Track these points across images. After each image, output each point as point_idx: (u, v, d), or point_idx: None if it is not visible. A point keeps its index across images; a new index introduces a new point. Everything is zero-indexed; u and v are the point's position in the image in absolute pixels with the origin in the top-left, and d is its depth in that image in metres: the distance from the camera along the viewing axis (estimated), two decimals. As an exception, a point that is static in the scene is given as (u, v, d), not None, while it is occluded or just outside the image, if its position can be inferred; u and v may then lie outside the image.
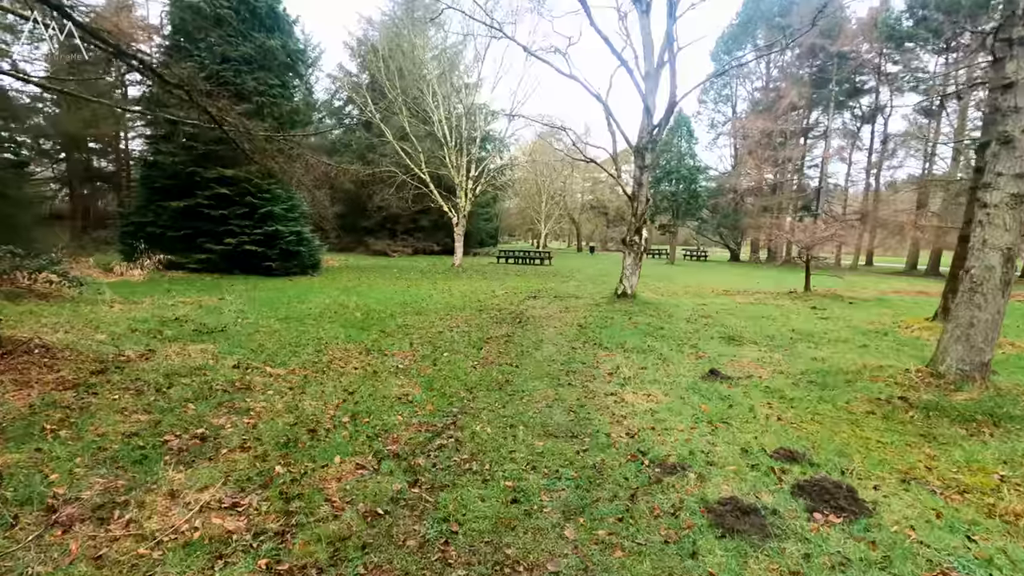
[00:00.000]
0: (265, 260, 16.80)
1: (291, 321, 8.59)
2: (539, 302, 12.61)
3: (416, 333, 8.20)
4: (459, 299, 12.79)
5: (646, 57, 10.27)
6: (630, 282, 11.61)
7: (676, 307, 11.84)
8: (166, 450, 3.58)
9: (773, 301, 13.90)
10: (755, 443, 4.06)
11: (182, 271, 16.10)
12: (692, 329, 9.30)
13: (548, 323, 9.59)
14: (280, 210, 17.33)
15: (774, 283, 21.08)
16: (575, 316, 10.32)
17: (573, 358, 6.90)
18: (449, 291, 14.61)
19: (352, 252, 33.87)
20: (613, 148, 12.45)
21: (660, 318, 10.23)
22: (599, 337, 8.25)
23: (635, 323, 9.53)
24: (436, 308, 11.07)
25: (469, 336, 8.16)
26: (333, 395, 4.98)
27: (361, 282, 16.27)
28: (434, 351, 7.04)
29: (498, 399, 5.10)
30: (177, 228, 16.31)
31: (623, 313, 10.54)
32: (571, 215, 55.85)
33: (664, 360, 6.89)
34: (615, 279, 19.93)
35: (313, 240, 19.03)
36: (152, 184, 16.99)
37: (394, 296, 12.85)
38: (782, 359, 7.24)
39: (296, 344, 6.93)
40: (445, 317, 9.95)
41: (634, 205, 11.10)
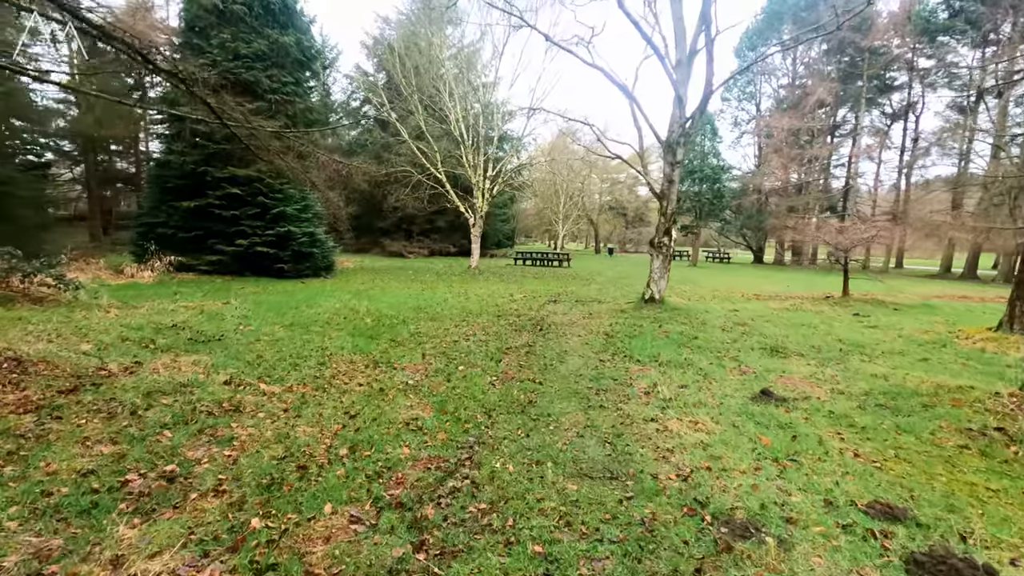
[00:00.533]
0: (277, 262, 16.36)
1: (296, 328, 8.01)
2: (560, 307, 11.91)
3: (429, 342, 7.56)
4: (476, 304, 12.14)
5: (677, 44, 9.52)
6: (658, 287, 10.85)
7: (707, 313, 11.03)
8: (124, 495, 2.97)
9: (811, 307, 12.99)
10: (838, 491, 3.31)
11: (193, 273, 15.73)
12: (729, 339, 8.51)
13: (571, 331, 8.88)
14: (292, 210, 16.89)
15: (805, 286, 20.06)
16: (600, 323, 9.60)
17: (602, 373, 6.18)
18: (465, 295, 13.98)
19: (368, 253, 33.53)
20: (639, 143, 11.72)
21: (692, 326, 9.45)
22: (629, 348, 7.52)
23: (666, 332, 8.77)
24: (451, 313, 10.44)
25: (487, 346, 7.49)
26: (332, 419, 4.35)
27: (375, 285, 15.73)
28: (448, 364, 6.39)
29: (521, 425, 4.42)
30: (188, 229, 15.95)
31: (652, 320, 9.79)
32: (589, 216, 54.97)
33: (705, 376, 6.14)
34: (637, 282, 19.16)
35: (327, 241, 18.56)
36: (164, 184, 16.67)
37: (408, 300, 12.26)
38: (837, 375, 6.44)
39: (298, 356, 6.33)
40: (461, 324, 9.30)
41: (663, 204, 10.34)
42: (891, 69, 38.20)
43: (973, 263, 31.95)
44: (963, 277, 31.13)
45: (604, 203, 59.79)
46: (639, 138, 11.39)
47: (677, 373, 6.24)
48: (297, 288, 13.98)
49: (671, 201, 10.02)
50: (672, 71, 9.33)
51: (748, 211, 37.69)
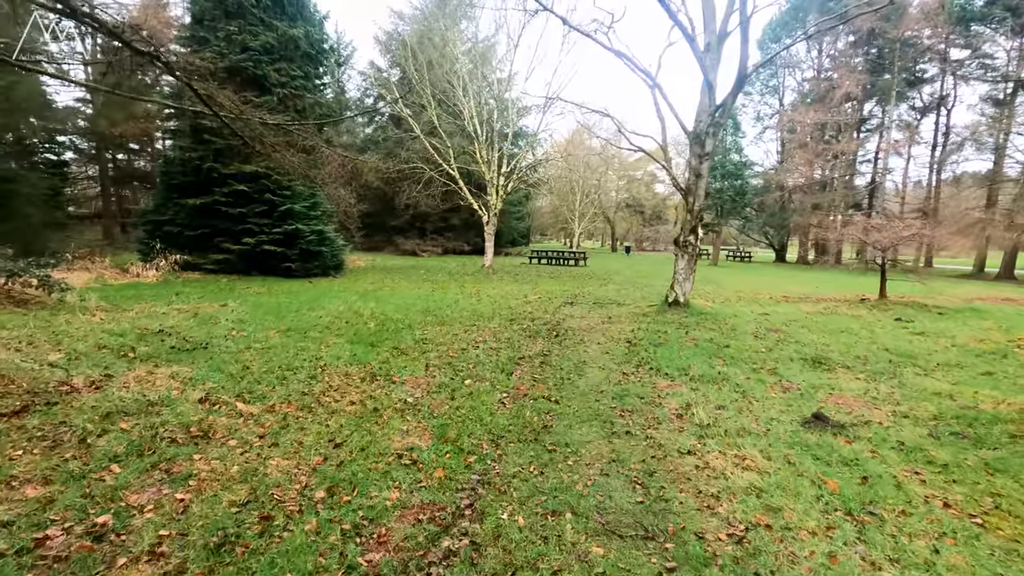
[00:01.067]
0: (285, 261, 15.90)
1: (293, 334, 7.44)
2: (577, 310, 11.20)
3: (435, 351, 6.92)
4: (488, 306, 11.50)
5: (706, 26, 8.75)
6: (683, 288, 10.09)
7: (736, 318, 10.24)
8: (34, 559, 2.37)
9: (847, 310, 12.10)
10: (940, 564, 2.59)
11: (198, 272, 15.33)
12: (764, 348, 7.74)
13: (590, 338, 8.18)
14: (301, 208, 16.41)
15: (835, 288, 19.06)
16: (621, 329, 8.88)
17: (626, 389, 5.48)
18: (477, 296, 13.35)
19: (381, 251, 33.13)
20: (662, 135, 10.94)
21: (722, 332, 8.69)
22: (654, 358, 6.80)
23: (694, 339, 8.03)
24: (461, 317, 9.80)
25: (497, 355, 6.83)
26: (313, 448, 3.73)
27: (384, 285, 15.17)
28: (454, 377, 5.74)
29: (534, 458, 3.75)
30: (194, 227, 15.56)
31: (677, 326, 9.04)
32: (606, 213, 54.04)
33: (744, 394, 5.41)
34: (657, 282, 18.34)
35: (336, 240, 18.07)
36: (170, 181, 16.32)
37: (416, 302, 11.66)
38: (894, 393, 5.65)
39: (288, 367, 5.74)
40: (471, 329, 8.66)
41: (689, 200, 9.57)
42: (922, 61, 36.70)
43: (1010, 263, 30.42)
44: (999, 277, 29.64)
45: (621, 200, 58.75)
46: (662, 130, 10.62)
47: (712, 390, 5.51)
48: (303, 289, 13.47)
49: (698, 197, 9.25)
50: (701, 55, 8.55)
51: (771, 208, 36.48)
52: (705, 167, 9.06)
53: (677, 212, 73.33)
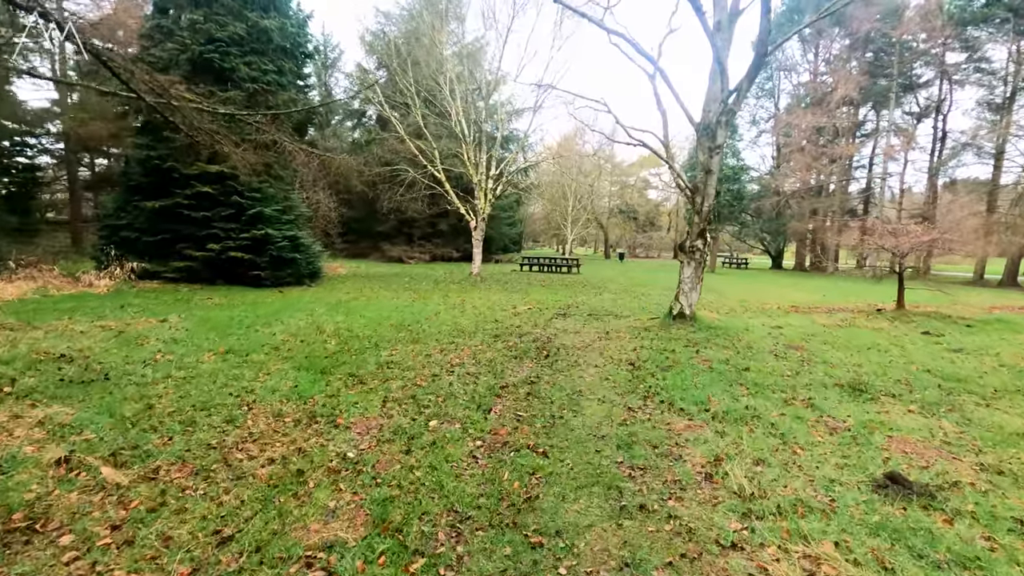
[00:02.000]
0: (253, 268, 14.63)
1: (232, 358, 6.22)
2: (571, 323, 10.05)
3: (400, 379, 5.72)
4: (472, 318, 10.32)
5: (717, 2, 7.70)
6: (689, 300, 8.96)
7: (748, 332, 9.13)
8: None
9: (865, 322, 11.03)
10: None
11: (157, 281, 14.04)
12: (789, 370, 6.61)
13: (586, 358, 7.02)
14: (272, 211, 15.18)
15: (843, 296, 18.06)
16: (621, 347, 7.72)
17: (634, 433, 4.31)
18: (462, 307, 12.16)
19: (367, 258, 31.89)
20: (664, 130, 9.85)
21: (737, 351, 7.56)
22: (664, 387, 5.64)
23: (707, 361, 6.89)
24: (440, 333, 8.61)
25: (475, 384, 5.64)
26: (185, 549, 2.52)
27: (361, 294, 13.95)
28: (416, 417, 4.54)
29: (510, 561, 2.57)
30: (153, 232, 14.29)
31: (685, 343, 7.89)
32: (599, 219, 53.09)
33: (784, 439, 4.26)
34: (654, 291, 17.23)
35: (312, 246, 16.84)
36: (129, 182, 15.06)
37: (392, 315, 10.46)
38: (965, 434, 4.53)
39: (204, 405, 4.52)
40: (448, 348, 7.47)
41: (696, 201, 8.46)
42: (918, 65, 36.18)
43: (1013, 269, 29.66)
44: (1002, 284, 28.91)
45: (614, 207, 57.90)
46: (663, 124, 9.56)
47: (743, 433, 4.36)
48: (268, 300, 12.23)
49: (708, 196, 8.13)
50: (712, 34, 7.49)
51: (768, 214, 35.61)
52: (716, 162, 7.95)
53: (670, 218, 72.59)
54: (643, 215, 61.34)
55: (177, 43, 14.35)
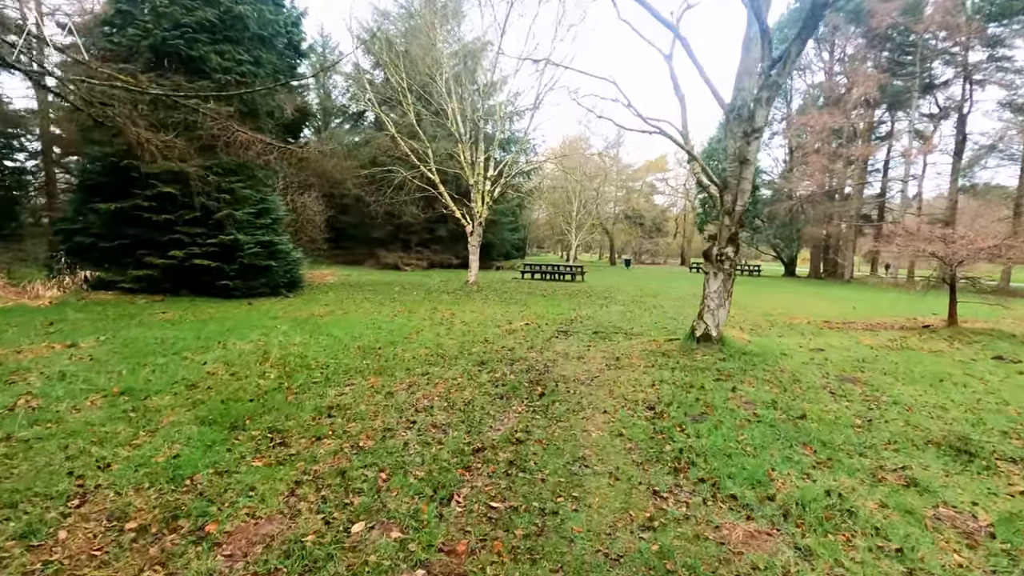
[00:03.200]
0: (221, 277, 13.17)
1: (124, 402, 4.72)
2: (573, 344, 8.50)
3: (337, 437, 4.19)
4: (458, 337, 8.80)
5: (753, -47, 6.24)
6: (716, 318, 7.41)
7: (786, 358, 7.56)
8: None
9: (919, 343, 9.44)
10: None
11: (113, 291, 12.59)
12: (856, 416, 5.05)
13: (592, 398, 5.47)
14: (244, 215, 13.73)
15: (874, 307, 16.44)
16: (635, 380, 6.17)
17: (667, 550, 2.76)
18: (449, 322, 10.66)
19: (361, 265, 30.47)
20: (682, 118, 8.34)
21: (782, 386, 6.00)
22: (701, 451, 4.09)
23: (748, 402, 5.33)
24: (415, 358, 7.10)
25: (440, 446, 4.10)
26: None
27: (339, 307, 12.46)
28: (335, 517, 3.00)
29: None
30: (110, 237, 12.85)
31: (716, 375, 6.34)
32: (604, 225, 51.55)
33: (904, 561, 2.71)
34: (667, 302, 15.55)
35: (291, 252, 15.38)
36: (86, 182, 13.66)
37: (366, 332, 8.96)
38: None
39: (24, 492, 3.01)
40: (419, 381, 5.95)
41: (727, 199, 6.92)
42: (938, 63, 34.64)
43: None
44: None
45: (620, 212, 56.38)
46: (681, 112, 8.03)
47: (837, 549, 2.80)
48: (230, 314, 10.76)
49: (742, 193, 6.59)
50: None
51: (781, 219, 33.99)
52: (754, 149, 6.40)
53: (677, 224, 70.88)
54: (649, 221, 59.74)
55: (139, 29, 12.97)
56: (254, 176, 14.97)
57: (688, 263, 57.19)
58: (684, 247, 65.36)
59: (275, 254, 14.48)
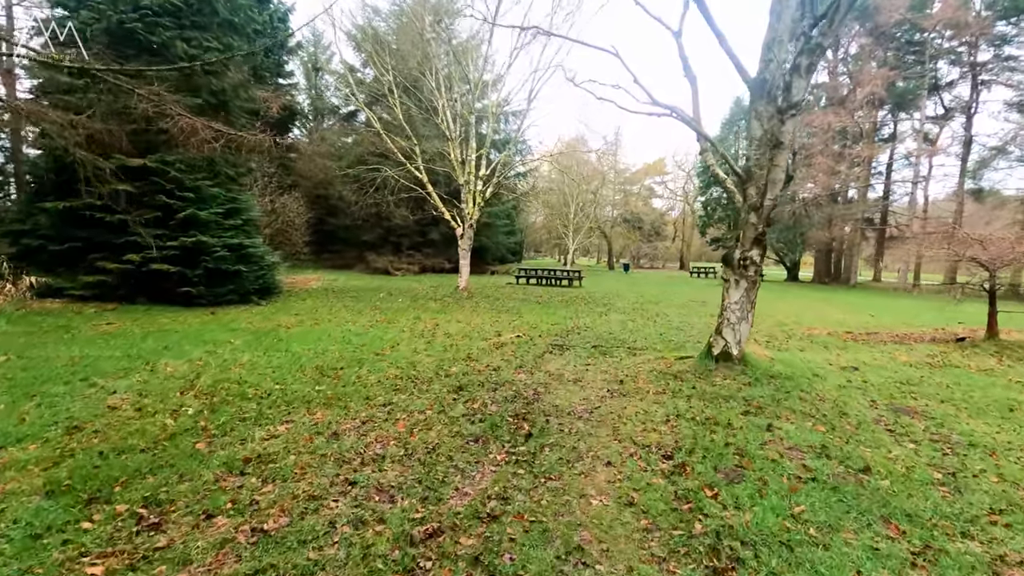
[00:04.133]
0: (183, 284, 11.98)
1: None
2: (569, 362, 7.34)
3: (232, 518, 3.01)
4: (437, 353, 7.64)
5: None
6: (737, 334, 6.26)
7: (819, 379, 6.41)
8: None
9: (962, 359, 8.30)
10: None
11: (62, 299, 11.37)
12: (934, 467, 3.89)
13: (591, 444, 4.30)
14: (210, 215, 12.54)
15: (894, 316, 15.31)
16: (645, 413, 5.01)
17: None
18: (431, 334, 9.49)
19: (351, 269, 29.26)
20: (693, 102, 7.23)
21: (826, 422, 4.84)
22: (743, 531, 2.92)
23: (791, 447, 4.17)
24: (380, 382, 5.93)
25: (377, 529, 2.93)
26: None
27: (312, 316, 11.28)
28: None
29: None
30: (61, 239, 11.67)
31: (743, 406, 5.17)
32: (602, 229, 50.44)
33: None
34: (670, 310, 14.28)
35: (265, 256, 14.20)
36: (35, 178, 12.49)
37: (332, 348, 7.79)
38: None
39: None
40: (375, 416, 4.79)
41: (750, 193, 5.78)
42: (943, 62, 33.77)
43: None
44: (1050, 299, 26.11)
45: (618, 215, 55.30)
46: (692, 95, 6.91)
47: None
48: (184, 325, 9.58)
49: (772, 184, 5.44)
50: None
51: (785, 222, 32.91)
52: (789, 129, 5.24)
53: (676, 228, 69.76)
54: (648, 224, 58.67)
55: (93, 10, 11.82)
56: (223, 174, 13.81)
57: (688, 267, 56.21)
58: (683, 251, 64.33)
59: (246, 258, 13.30)
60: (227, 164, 13.99)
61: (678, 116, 6.38)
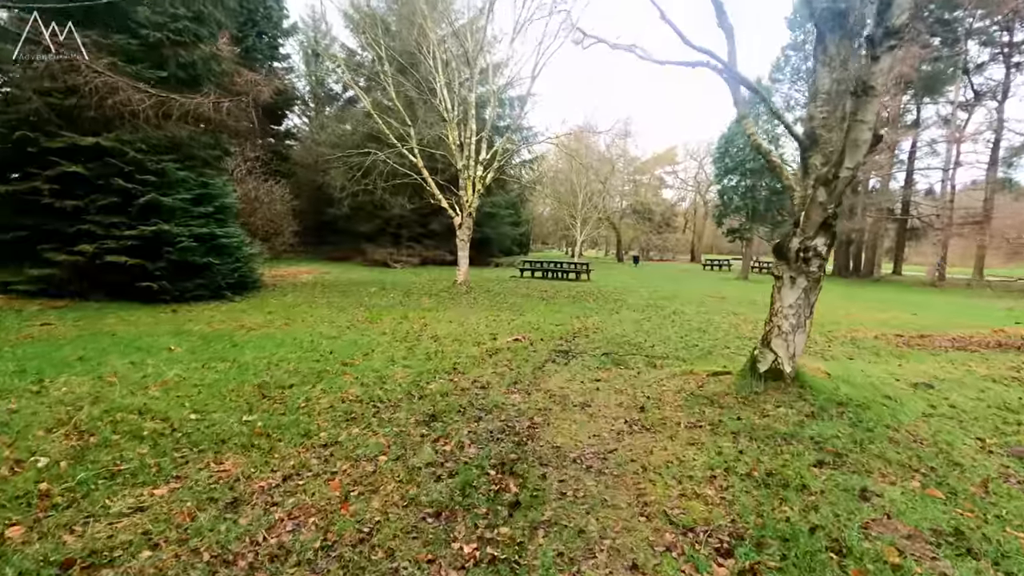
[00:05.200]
0: (143, 278, 10.70)
1: None
2: (575, 377, 5.96)
3: None
4: (417, 364, 6.30)
5: None
6: (791, 346, 4.85)
7: (896, 405, 4.99)
8: None
9: (1054, 373, 6.85)
10: None
11: (6, 295, 10.16)
12: None
13: (605, 522, 2.94)
14: (176, 201, 11.23)
15: (934, 313, 13.77)
16: (678, 463, 3.64)
17: None
18: (416, 337, 8.16)
19: (349, 261, 28.01)
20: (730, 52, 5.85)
21: (933, 478, 3.44)
22: None
23: (896, 520, 2.78)
24: (329, 409, 4.60)
25: None
26: None
27: (285, 315, 9.99)
28: None
29: None
30: (4, 228, 10.42)
31: (814, 451, 3.78)
32: (611, 220, 48.81)
33: None
34: (688, 307, 12.56)
35: (241, 248, 12.89)
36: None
37: (288, 357, 6.47)
38: None
39: None
40: (307, 464, 3.45)
41: (810, 162, 4.38)
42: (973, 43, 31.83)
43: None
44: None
45: (627, 206, 53.64)
46: (728, 47, 5.47)
47: None
48: (129, 326, 8.30)
49: (852, 148, 3.96)
50: None
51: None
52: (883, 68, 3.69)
53: (686, 219, 67.76)
54: (659, 215, 56.95)
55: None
56: (196, 157, 12.49)
57: (699, 259, 54.50)
58: (694, 243, 62.61)
59: (218, 249, 12.00)
60: (200, 146, 12.67)
61: (713, 65, 4.94)
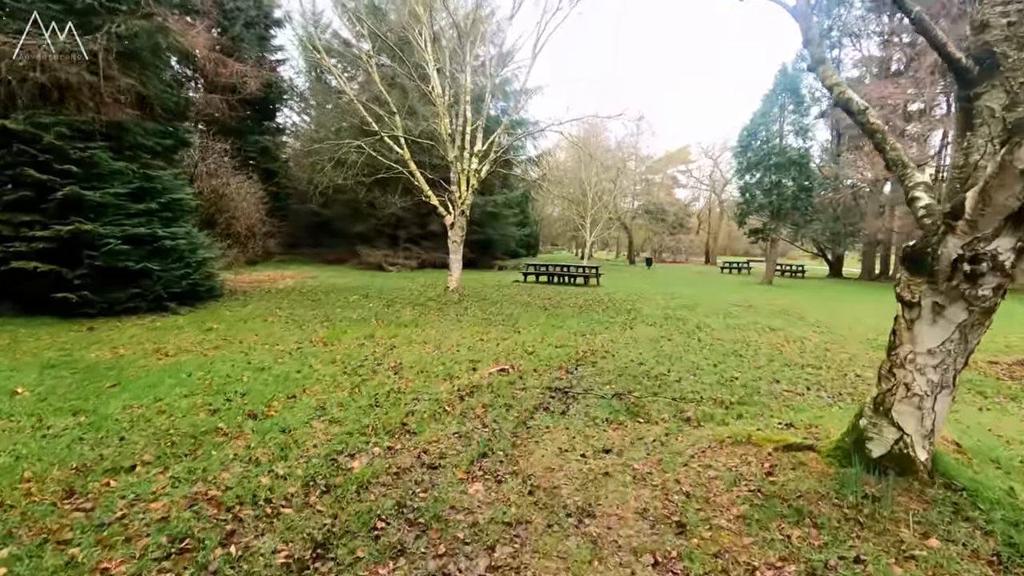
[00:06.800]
0: (60, 287, 8.92)
1: None
2: (574, 441, 4.03)
3: None
4: (352, 417, 4.41)
5: None
6: (927, 419, 2.88)
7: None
8: None
9: None
10: None
11: None
12: None
13: None
14: (106, 196, 9.44)
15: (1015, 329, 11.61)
16: None
17: None
18: (372, 369, 6.27)
19: (344, 264, 26.25)
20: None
21: None
22: None
23: None
24: (159, 524, 2.70)
25: None
26: None
27: (226, 334, 8.15)
28: None
29: None
30: None
31: None
32: (622, 220, 46.65)
33: None
34: (714, 320, 9.70)
35: (195, 250, 11.10)
36: None
37: (178, 404, 4.61)
38: None
39: None
40: None
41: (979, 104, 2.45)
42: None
43: None
44: None
45: (639, 207, 51.48)
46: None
47: None
48: (11, 353, 6.49)
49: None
50: None
51: (834, 212, 28.94)
52: None
53: (700, 219, 65.22)
54: (672, 215, 54.69)
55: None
56: (139, 144, 10.72)
57: (714, 261, 52.24)
58: (709, 244, 60.21)
59: (160, 253, 10.21)
60: (145, 133, 10.90)
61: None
